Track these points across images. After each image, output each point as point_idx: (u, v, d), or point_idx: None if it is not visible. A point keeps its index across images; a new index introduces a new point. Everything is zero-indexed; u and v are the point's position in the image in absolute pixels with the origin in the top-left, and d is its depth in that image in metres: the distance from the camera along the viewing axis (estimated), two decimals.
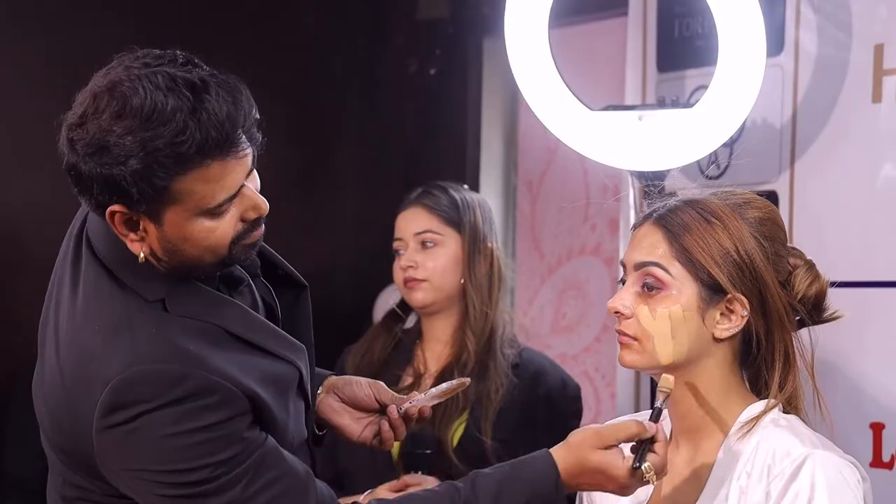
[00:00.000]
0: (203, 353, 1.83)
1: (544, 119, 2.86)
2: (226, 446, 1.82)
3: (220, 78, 1.81)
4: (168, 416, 1.79)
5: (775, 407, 1.89)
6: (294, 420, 1.95)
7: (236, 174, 1.81)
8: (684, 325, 1.87)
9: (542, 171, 4.02)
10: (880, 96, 2.72)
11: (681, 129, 2.75)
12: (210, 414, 1.81)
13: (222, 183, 1.80)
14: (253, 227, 1.88)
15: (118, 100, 1.77)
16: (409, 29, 4.37)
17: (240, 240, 1.87)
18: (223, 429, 1.82)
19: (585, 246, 3.89)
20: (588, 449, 1.86)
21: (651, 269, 1.89)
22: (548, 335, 3.90)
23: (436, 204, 2.87)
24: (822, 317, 1.96)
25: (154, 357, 1.81)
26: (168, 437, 1.80)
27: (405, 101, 4.38)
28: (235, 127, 1.78)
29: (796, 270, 1.94)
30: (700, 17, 3.10)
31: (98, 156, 1.77)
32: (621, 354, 1.92)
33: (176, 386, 1.79)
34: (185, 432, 1.80)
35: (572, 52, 3.48)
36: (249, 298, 1.99)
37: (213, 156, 1.77)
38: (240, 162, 1.81)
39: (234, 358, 1.86)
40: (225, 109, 1.77)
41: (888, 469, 2.67)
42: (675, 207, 1.92)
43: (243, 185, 1.84)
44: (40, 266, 2.94)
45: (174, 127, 1.75)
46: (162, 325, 1.85)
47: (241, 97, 1.81)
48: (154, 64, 1.79)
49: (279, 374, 1.91)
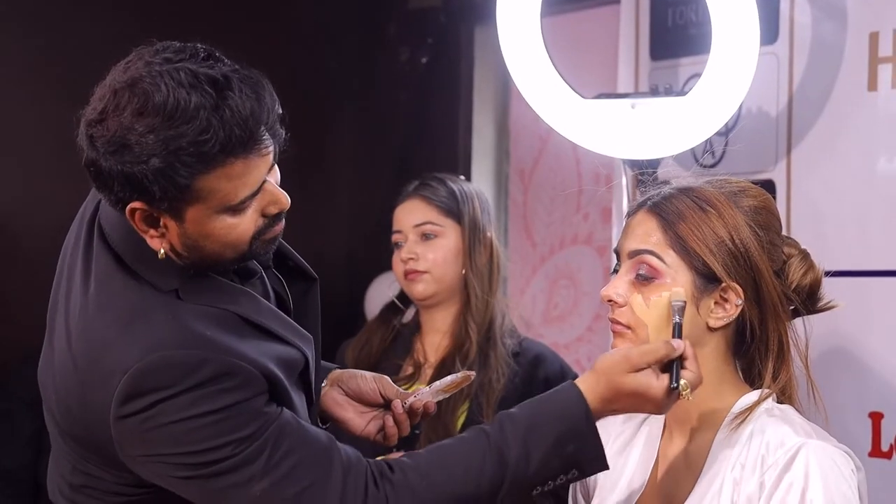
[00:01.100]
0: (220, 337, 1.82)
1: (536, 107, 2.86)
2: (246, 423, 1.80)
3: (243, 73, 1.78)
4: (186, 400, 1.78)
5: (769, 397, 1.89)
6: (301, 405, 1.94)
7: (259, 171, 1.80)
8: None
9: (535, 159, 4.01)
10: (875, 84, 2.72)
11: (674, 117, 2.74)
12: (229, 395, 1.79)
13: (245, 180, 1.78)
14: (273, 222, 1.86)
15: (139, 96, 1.74)
16: (400, 18, 4.37)
17: (260, 235, 1.86)
18: (243, 408, 1.80)
19: (578, 235, 3.89)
20: (620, 374, 1.81)
21: (645, 257, 1.88)
22: (540, 325, 3.90)
23: (434, 195, 2.87)
24: (816, 306, 1.96)
25: (173, 343, 1.80)
26: (186, 420, 1.79)
27: (397, 89, 4.38)
28: (259, 124, 1.76)
29: (791, 260, 1.93)
30: (693, 5, 3.10)
31: (119, 154, 1.75)
32: (614, 343, 1.91)
33: (197, 371, 1.79)
34: (204, 414, 1.79)
35: (565, 40, 3.47)
36: (261, 289, 1.98)
37: (237, 154, 1.75)
38: (263, 159, 1.79)
39: (250, 341, 1.85)
40: (248, 106, 1.75)
41: (887, 459, 2.67)
42: (669, 195, 1.91)
43: (265, 181, 1.82)
44: (32, 258, 2.94)
45: (197, 125, 1.72)
46: (177, 313, 1.83)
47: (263, 93, 1.79)
48: (175, 59, 1.76)
49: (290, 359, 1.90)
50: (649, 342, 1.86)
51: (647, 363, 1.80)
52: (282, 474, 1.81)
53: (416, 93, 4.34)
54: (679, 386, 1.79)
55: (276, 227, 1.88)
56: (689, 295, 1.87)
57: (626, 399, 1.82)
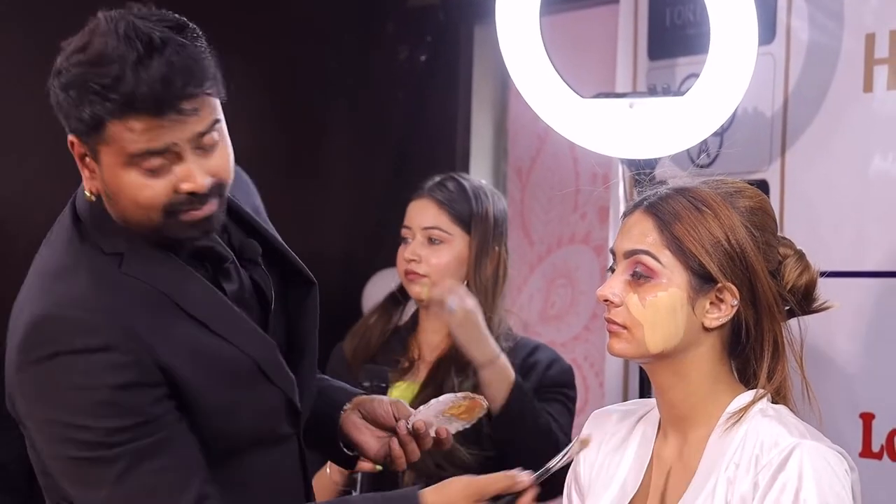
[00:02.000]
0: (132, 314, 1.85)
1: (535, 106, 2.86)
2: (128, 413, 1.82)
3: (191, 46, 1.84)
4: (79, 363, 1.81)
5: (764, 397, 1.89)
6: (249, 411, 1.93)
7: (165, 133, 1.82)
8: (674, 313, 1.87)
9: (532, 158, 4.02)
10: (871, 86, 2.72)
11: (672, 117, 2.75)
12: (119, 374, 1.82)
13: (149, 136, 1.82)
14: (191, 204, 1.86)
15: (86, 36, 1.85)
16: (399, 16, 4.37)
17: (175, 211, 1.86)
18: (129, 394, 1.82)
19: (575, 234, 3.89)
20: (460, 498, 1.91)
21: (641, 257, 1.88)
22: (537, 323, 3.90)
23: (448, 200, 2.81)
24: (811, 307, 1.96)
25: (78, 303, 1.84)
26: (76, 387, 1.82)
27: (396, 87, 4.38)
28: (170, 89, 1.80)
29: (786, 260, 1.93)
30: (691, 5, 3.10)
31: (56, 79, 1.86)
32: (610, 343, 1.92)
33: (89, 335, 1.82)
34: (92, 387, 1.81)
35: (563, 39, 3.48)
36: (237, 280, 1.98)
37: (141, 110, 1.80)
38: (176, 125, 1.82)
39: (168, 329, 1.87)
40: (163, 71, 1.80)
41: (877, 459, 2.68)
42: (665, 196, 1.91)
43: (182, 150, 1.84)
44: (26, 254, 2.91)
45: (111, 72, 1.80)
46: (104, 278, 1.87)
47: (195, 66, 1.83)
48: (137, 15, 1.86)
49: (223, 357, 1.90)
50: (645, 341, 1.87)
51: (485, 493, 1.91)
52: (126, 494, 1.84)
53: (414, 91, 4.34)
54: None
55: (195, 211, 1.87)
56: (684, 295, 1.87)
57: None
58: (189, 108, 1.82)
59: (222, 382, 1.91)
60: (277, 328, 2.04)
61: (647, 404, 2.03)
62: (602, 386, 3.59)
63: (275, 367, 1.96)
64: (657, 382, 1.93)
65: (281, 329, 2.05)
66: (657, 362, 1.91)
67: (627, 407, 2.07)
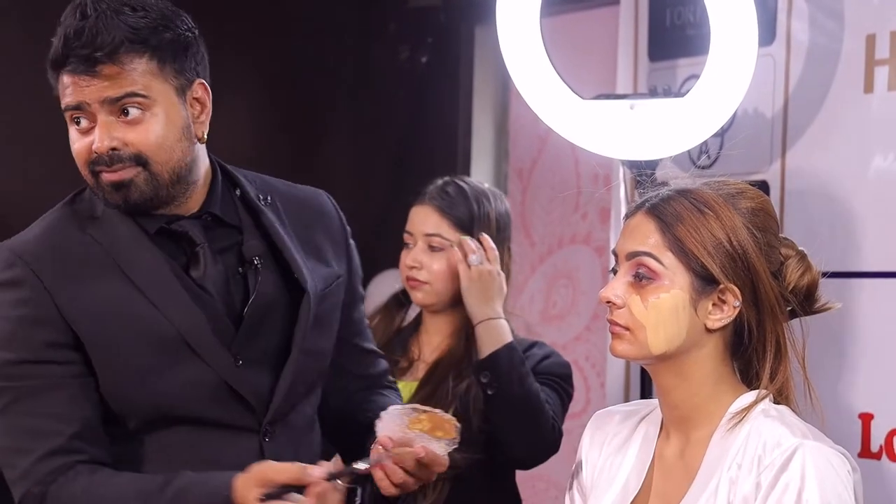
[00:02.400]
0: (59, 264, 2.02)
1: (535, 107, 2.86)
2: (20, 348, 1.99)
3: (120, 17, 1.99)
4: (1, 295, 2.02)
5: (766, 397, 1.90)
6: (174, 384, 2.02)
7: (76, 91, 1.99)
8: (676, 315, 1.87)
9: (533, 159, 4.02)
10: (872, 86, 2.73)
11: (672, 118, 2.75)
12: (19, 307, 2.00)
13: (69, 90, 2.00)
14: (102, 163, 2.02)
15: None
16: (400, 17, 4.37)
17: (96, 172, 2.02)
18: (25, 329, 2.00)
19: (576, 235, 3.90)
20: (253, 482, 1.94)
21: (643, 258, 1.89)
22: (538, 324, 3.90)
23: (450, 207, 2.82)
24: (813, 307, 1.96)
25: (14, 245, 2.06)
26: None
27: (397, 88, 4.38)
28: (68, 46, 1.98)
29: (788, 261, 1.94)
30: (692, 7, 3.10)
31: None
32: (613, 344, 1.92)
33: (3, 269, 2.03)
34: (9, 318, 2.01)
35: (564, 40, 3.48)
36: (203, 267, 2.07)
37: (64, 65, 1.99)
38: (93, 80, 1.98)
39: (96, 287, 2.01)
40: (71, 31, 1.98)
41: (876, 459, 2.68)
42: (667, 197, 1.92)
43: (94, 111, 1.99)
44: None
45: (59, 29, 2.01)
46: (55, 232, 2.06)
47: (106, 34, 1.97)
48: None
49: (150, 325, 2.01)
50: (647, 343, 1.88)
51: (277, 481, 1.93)
52: (5, 426, 2.00)
53: (415, 92, 4.34)
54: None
55: (107, 173, 2.01)
56: (687, 297, 1.88)
57: None
58: (85, 69, 1.97)
59: (143, 346, 2.01)
60: (266, 327, 2.10)
61: (650, 404, 2.03)
62: (603, 386, 3.59)
63: (204, 344, 2.03)
64: (659, 383, 1.94)
65: (276, 328, 2.12)
66: (659, 363, 1.91)
67: (630, 407, 2.07)
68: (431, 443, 2.04)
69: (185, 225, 2.07)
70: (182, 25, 2.05)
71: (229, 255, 2.11)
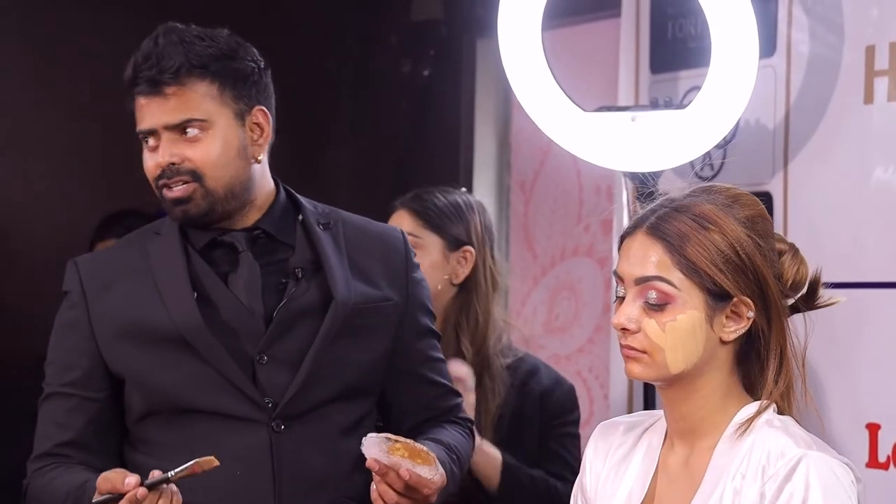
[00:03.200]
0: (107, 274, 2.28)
1: (537, 120, 2.87)
2: (54, 349, 2.31)
3: (191, 38, 2.21)
4: (63, 304, 2.33)
5: (769, 407, 1.89)
6: (176, 379, 2.22)
7: (151, 114, 2.21)
8: (694, 334, 1.86)
9: (536, 171, 4.02)
10: (872, 97, 2.73)
11: (674, 130, 2.76)
12: (65, 312, 2.31)
13: (141, 115, 2.23)
14: (164, 179, 2.23)
15: None
16: (402, 29, 4.38)
17: (161, 187, 2.24)
18: (63, 331, 2.30)
19: (579, 246, 3.90)
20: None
21: (655, 283, 1.87)
22: (541, 336, 3.90)
23: (420, 208, 2.86)
24: (814, 303, 1.96)
25: (85, 255, 2.41)
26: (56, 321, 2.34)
27: (399, 101, 4.39)
28: (138, 69, 2.20)
29: (783, 258, 1.93)
30: (693, 19, 3.11)
31: None
32: (629, 367, 1.90)
33: (66, 281, 2.32)
34: (58, 326, 2.32)
35: (565, 52, 3.49)
36: (247, 273, 2.27)
37: (136, 88, 2.22)
38: (160, 104, 2.21)
39: (124, 295, 2.26)
40: (146, 52, 2.21)
41: (884, 469, 2.67)
42: (665, 215, 1.89)
43: (160, 134, 2.22)
44: (28, 266, 2.94)
45: (134, 56, 2.23)
46: (124, 247, 2.36)
47: (173, 59, 2.19)
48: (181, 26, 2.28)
49: (154, 323, 2.23)
50: (666, 364, 1.87)
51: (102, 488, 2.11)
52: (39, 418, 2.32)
53: (417, 104, 4.35)
54: None
55: (167, 191, 2.23)
56: (703, 315, 1.86)
57: None
58: (155, 93, 2.19)
59: (143, 344, 2.24)
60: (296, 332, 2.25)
61: (654, 415, 2.03)
62: (607, 397, 3.59)
63: (201, 342, 2.21)
64: (668, 397, 1.93)
65: (307, 336, 2.26)
66: (674, 381, 1.91)
67: (633, 418, 2.07)
68: (416, 468, 2.14)
69: (233, 236, 2.28)
70: (246, 57, 2.30)
71: (275, 267, 2.28)
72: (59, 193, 3.64)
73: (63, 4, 3.86)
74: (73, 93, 3.78)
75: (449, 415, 2.43)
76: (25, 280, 3.65)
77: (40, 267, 3.84)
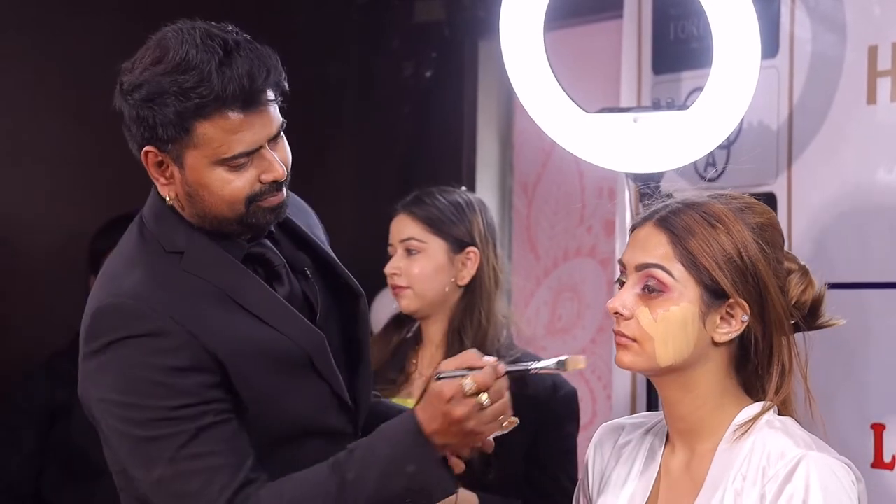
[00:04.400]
0: (185, 305, 2.00)
1: (539, 121, 2.87)
2: (180, 395, 1.96)
3: (255, 45, 2.01)
4: (135, 348, 1.97)
5: (770, 409, 1.90)
6: (298, 400, 2.05)
7: (254, 131, 1.99)
8: (685, 328, 1.87)
9: (538, 172, 4.03)
10: (875, 98, 2.73)
11: (676, 131, 2.76)
12: (172, 357, 1.97)
13: (240, 136, 1.98)
14: (270, 191, 2.03)
15: (160, 49, 1.99)
16: (404, 31, 4.38)
17: (256, 199, 2.02)
18: (180, 376, 1.97)
19: (581, 247, 3.90)
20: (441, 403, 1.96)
21: (653, 270, 1.88)
22: (543, 337, 3.90)
23: (422, 210, 2.84)
24: (817, 322, 1.96)
25: (132, 294, 2.00)
26: (134, 367, 1.97)
27: (401, 103, 4.39)
28: (255, 83, 1.97)
29: (791, 276, 1.94)
30: (695, 20, 3.11)
31: (134, 94, 1.98)
32: (619, 356, 1.92)
33: (137, 321, 1.97)
34: (148, 366, 1.96)
35: (567, 54, 3.49)
36: (288, 285, 2.12)
37: (232, 107, 1.96)
38: (260, 118, 1.99)
39: (222, 320, 2.01)
40: (247, 67, 1.96)
41: (889, 470, 2.67)
42: (677, 209, 1.92)
43: (263, 147, 2.01)
44: (32, 272, 2.93)
45: (199, 75, 1.94)
46: (159, 273, 2.03)
47: (268, 63, 1.99)
48: (201, 25, 2.02)
49: (280, 349, 2.04)
50: (655, 355, 1.88)
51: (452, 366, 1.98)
52: (178, 470, 1.96)
53: (419, 106, 4.35)
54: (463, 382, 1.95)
55: (273, 197, 2.04)
56: (696, 310, 1.87)
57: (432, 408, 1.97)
58: (272, 100, 2.00)
59: (274, 371, 2.04)
60: (328, 336, 2.13)
61: (656, 417, 2.04)
62: (610, 399, 3.59)
63: (324, 361, 2.08)
64: (665, 396, 1.94)
65: (335, 337, 2.16)
66: (665, 376, 1.91)
67: (636, 420, 2.07)
68: None
69: (262, 245, 2.11)
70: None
71: None
72: (58, 198, 3.64)
73: (64, 7, 3.87)
74: (72, 98, 3.78)
75: None
76: (26, 284, 3.66)
77: (40, 271, 3.85)
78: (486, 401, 1.95)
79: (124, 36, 3.81)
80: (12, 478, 3.60)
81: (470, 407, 1.95)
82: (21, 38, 3.82)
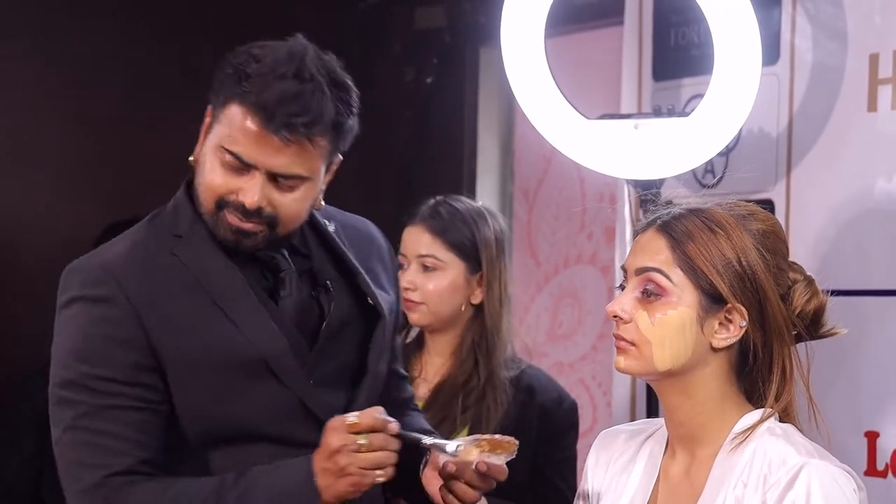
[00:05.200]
0: (148, 283, 2.05)
1: (540, 128, 2.87)
2: (107, 365, 2.02)
3: (327, 97, 2.07)
4: (84, 309, 2.04)
5: (771, 416, 1.90)
6: (255, 405, 2.06)
7: (258, 149, 2.03)
8: (683, 332, 1.88)
9: (539, 179, 4.03)
10: (875, 105, 2.73)
11: (677, 137, 2.76)
12: (112, 327, 2.02)
13: (246, 140, 2.03)
14: (236, 209, 2.05)
15: (279, 44, 2.14)
16: (405, 38, 4.38)
17: (224, 206, 2.06)
18: (115, 348, 2.02)
19: (582, 254, 3.90)
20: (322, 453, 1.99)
21: (652, 274, 1.89)
22: (544, 343, 3.90)
23: (442, 229, 2.80)
24: (819, 332, 1.96)
25: (100, 261, 2.08)
26: (80, 327, 2.04)
27: (402, 109, 4.39)
28: (287, 110, 2.00)
29: (796, 285, 1.94)
30: (696, 26, 3.11)
31: (231, 56, 2.11)
32: (617, 359, 1.92)
33: (92, 285, 2.04)
34: (89, 329, 2.02)
35: (568, 60, 3.49)
36: (292, 292, 2.14)
37: (256, 113, 2.01)
38: (272, 144, 2.01)
39: (181, 307, 2.06)
40: (290, 95, 2.01)
41: (882, 477, 2.68)
42: (679, 215, 1.92)
43: (258, 170, 2.03)
44: (34, 274, 2.92)
45: (261, 71, 2.04)
46: (140, 250, 2.09)
47: (323, 115, 2.05)
48: (318, 51, 2.17)
49: (234, 347, 2.05)
50: (652, 359, 1.88)
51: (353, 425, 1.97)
52: (71, 439, 2.02)
53: (420, 112, 4.35)
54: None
55: (235, 218, 2.05)
56: (694, 315, 1.88)
57: (326, 456, 1.99)
58: (284, 138, 2.01)
59: (222, 368, 2.05)
60: (336, 348, 2.16)
61: (656, 423, 2.03)
62: (610, 405, 3.59)
63: (284, 367, 2.08)
64: (665, 401, 1.94)
65: (347, 352, 2.18)
66: (664, 381, 1.91)
67: (635, 426, 2.07)
68: (491, 458, 2.06)
69: (275, 254, 2.13)
70: (356, 106, 2.20)
71: (304, 278, 2.17)
72: (58, 199, 3.64)
73: (64, 8, 3.87)
74: (72, 99, 3.78)
75: (410, 404, 2.40)
76: (27, 288, 3.65)
77: (42, 275, 3.85)
78: (364, 442, 1.96)
79: (124, 37, 3.85)
80: (12, 479, 3.61)
81: (346, 441, 1.97)
82: (21, 39, 3.82)
